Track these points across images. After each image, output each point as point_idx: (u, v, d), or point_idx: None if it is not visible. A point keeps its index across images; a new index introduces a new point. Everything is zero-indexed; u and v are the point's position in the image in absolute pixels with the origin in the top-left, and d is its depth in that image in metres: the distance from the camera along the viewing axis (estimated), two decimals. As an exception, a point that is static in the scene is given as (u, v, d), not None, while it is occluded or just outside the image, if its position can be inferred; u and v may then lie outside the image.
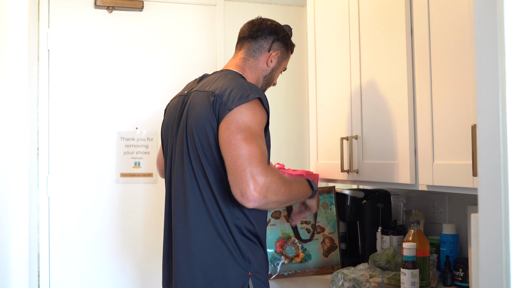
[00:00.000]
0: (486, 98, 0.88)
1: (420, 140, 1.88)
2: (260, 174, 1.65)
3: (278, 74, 2.10)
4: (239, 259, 1.77)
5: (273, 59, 2.02)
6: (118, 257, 3.30)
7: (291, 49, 2.11)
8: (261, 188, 1.64)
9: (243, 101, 1.72)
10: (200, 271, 1.76)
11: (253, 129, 1.72)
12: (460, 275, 2.03)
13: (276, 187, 1.68)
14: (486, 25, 0.88)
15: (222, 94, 1.75)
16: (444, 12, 1.76)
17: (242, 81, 1.84)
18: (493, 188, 0.86)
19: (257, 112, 1.75)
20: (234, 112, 1.72)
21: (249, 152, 1.67)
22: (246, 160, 1.65)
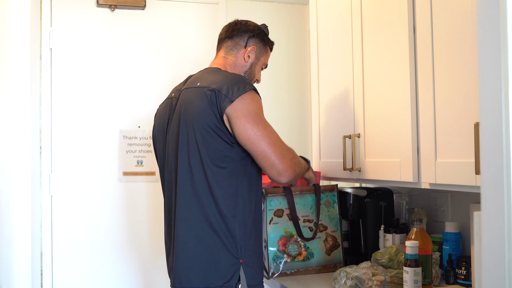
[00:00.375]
0: (489, 96, 0.88)
1: (422, 138, 1.88)
2: (286, 153, 1.93)
3: (259, 70, 2.20)
4: (231, 248, 1.89)
5: (250, 54, 2.14)
6: (121, 255, 3.30)
7: (269, 46, 2.22)
8: (290, 164, 1.92)
9: (241, 92, 1.87)
10: (195, 261, 1.89)
11: (261, 115, 1.92)
12: (463, 273, 2.03)
13: (297, 160, 2.00)
14: (489, 23, 0.88)
15: (220, 88, 1.88)
16: (447, 10, 1.76)
17: (233, 74, 1.99)
18: (496, 186, 0.86)
19: (258, 100, 1.94)
20: (238, 103, 1.86)
21: (271, 138, 1.89)
22: (272, 146, 1.88)
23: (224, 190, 1.89)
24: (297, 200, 2.29)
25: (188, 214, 1.90)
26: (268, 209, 2.24)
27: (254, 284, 1.94)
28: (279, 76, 3.66)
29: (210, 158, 1.88)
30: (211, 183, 1.88)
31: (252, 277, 1.93)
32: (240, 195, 1.92)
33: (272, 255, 2.23)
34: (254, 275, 1.94)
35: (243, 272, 1.91)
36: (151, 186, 3.36)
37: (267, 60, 2.22)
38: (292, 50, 3.70)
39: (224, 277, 1.88)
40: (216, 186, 1.88)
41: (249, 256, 1.93)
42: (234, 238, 1.89)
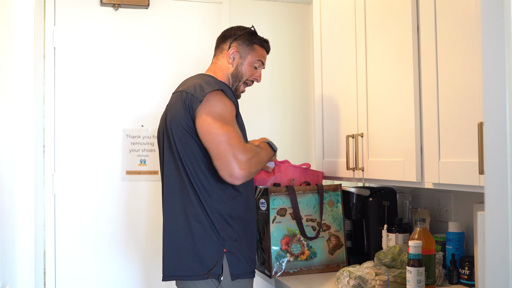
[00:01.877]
0: (493, 95, 0.87)
1: (426, 138, 1.88)
2: (241, 154, 1.94)
3: (249, 69, 2.27)
4: (215, 238, 2.02)
5: (234, 56, 2.25)
6: (124, 254, 3.30)
7: (257, 43, 2.29)
8: (245, 166, 1.94)
9: (209, 90, 2.01)
10: (181, 250, 2.04)
11: (226, 116, 2.00)
12: (466, 273, 2.03)
13: (255, 160, 2.00)
14: (493, 22, 0.87)
15: (192, 90, 2.05)
16: (451, 9, 1.75)
17: (210, 78, 2.13)
18: (499, 186, 0.86)
19: (226, 101, 2.04)
20: (205, 103, 2.00)
21: (228, 137, 1.95)
22: (227, 145, 1.94)
23: (201, 185, 2.03)
24: (300, 199, 2.28)
25: (174, 207, 2.08)
26: (271, 208, 2.24)
27: (237, 273, 2.03)
28: (282, 75, 3.66)
29: (187, 156, 2.04)
30: (191, 179, 2.04)
31: (236, 266, 2.03)
32: (215, 190, 2.04)
33: (275, 254, 2.23)
34: (238, 264, 2.04)
35: (226, 261, 2.01)
36: (154, 185, 3.36)
37: (257, 57, 2.28)
38: (295, 49, 3.70)
39: (208, 266, 2.01)
40: (195, 181, 2.03)
41: (232, 245, 2.04)
42: (215, 228, 2.02)
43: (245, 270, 2.07)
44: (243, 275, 2.05)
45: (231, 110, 2.04)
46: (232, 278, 2.02)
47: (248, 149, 1.98)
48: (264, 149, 2.14)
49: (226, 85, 2.16)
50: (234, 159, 1.92)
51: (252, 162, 1.97)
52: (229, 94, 2.07)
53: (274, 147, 2.23)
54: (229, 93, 2.08)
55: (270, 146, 2.20)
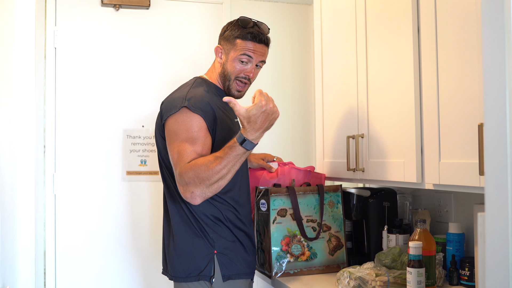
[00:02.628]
0: (493, 96, 0.87)
1: (426, 138, 1.88)
2: (182, 176, 1.87)
3: (233, 66, 2.12)
4: (205, 240, 2.03)
5: (221, 55, 2.18)
6: (124, 254, 3.31)
7: (239, 38, 2.11)
8: (187, 188, 1.86)
9: (172, 112, 1.98)
10: (176, 252, 2.05)
11: (182, 135, 1.94)
12: (466, 274, 2.03)
13: (197, 179, 1.84)
14: (493, 23, 0.87)
15: (163, 106, 2.08)
16: (451, 10, 1.75)
17: (186, 89, 2.07)
18: (500, 187, 0.86)
19: (185, 118, 1.96)
20: (167, 122, 2.01)
21: (175, 159, 1.93)
22: (175, 167, 1.94)
23: None
24: (300, 200, 2.28)
25: (166, 210, 2.14)
26: (272, 208, 2.24)
27: (229, 274, 2.03)
28: (283, 76, 3.66)
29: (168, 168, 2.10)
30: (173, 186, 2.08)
31: (227, 267, 2.03)
32: None
33: (275, 255, 2.23)
34: (230, 265, 2.04)
35: (217, 262, 2.02)
36: (155, 185, 3.36)
37: (241, 51, 2.09)
38: (296, 50, 3.70)
39: (200, 267, 2.02)
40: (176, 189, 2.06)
41: (223, 247, 2.04)
42: (204, 230, 2.03)
43: (239, 271, 2.05)
44: (236, 276, 2.04)
45: (193, 126, 1.94)
46: (224, 280, 2.01)
47: (186, 168, 1.86)
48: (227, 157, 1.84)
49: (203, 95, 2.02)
50: (178, 181, 1.90)
51: (191, 182, 1.84)
52: (195, 108, 1.95)
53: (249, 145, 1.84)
54: (197, 106, 1.95)
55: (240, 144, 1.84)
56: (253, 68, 2.13)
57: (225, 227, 2.06)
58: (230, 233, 2.07)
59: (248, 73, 2.13)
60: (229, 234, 2.07)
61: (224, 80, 2.16)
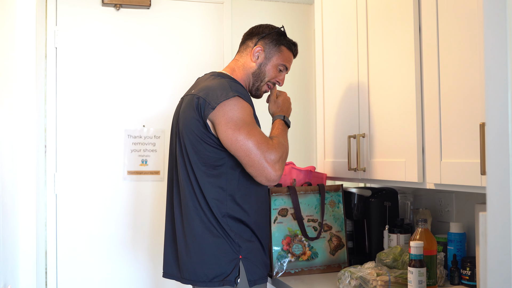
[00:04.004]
0: (495, 95, 0.87)
1: (428, 138, 1.88)
2: (272, 155, 1.94)
3: (272, 71, 2.19)
4: (230, 244, 1.98)
5: (258, 55, 2.17)
6: (126, 254, 3.31)
7: (285, 45, 2.21)
8: (278, 166, 1.95)
9: (223, 98, 1.94)
10: (197, 257, 1.99)
11: (246, 120, 1.96)
12: (468, 274, 2.03)
13: (285, 154, 2.01)
14: (495, 22, 0.87)
15: (205, 95, 1.97)
16: (453, 9, 1.75)
17: (223, 81, 2.03)
18: (501, 187, 0.86)
19: (243, 105, 1.97)
20: (218, 110, 1.93)
21: (256, 143, 1.93)
22: (257, 150, 1.93)
23: (215, 193, 1.99)
24: (301, 199, 2.28)
25: (189, 214, 2.02)
26: (273, 208, 2.24)
27: (254, 279, 2.01)
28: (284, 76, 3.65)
29: (201, 163, 2.00)
30: (202, 187, 1.99)
31: (252, 272, 2.00)
32: (229, 197, 2.01)
33: (276, 255, 2.23)
34: (254, 270, 2.01)
35: (243, 267, 1.99)
36: (156, 185, 3.36)
37: (283, 61, 2.20)
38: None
39: (225, 272, 1.97)
40: (208, 189, 1.99)
41: (248, 252, 2.01)
42: (229, 235, 1.98)
43: (261, 275, 2.04)
44: (259, 280, 2.03)
45: (249, 112, 1.99)
46: (250, 285, 1.99)
47: (275, 147, 1.98)
48: (283, 132, 2.12)
49: (240, 85, 2.08)
50: (267, 163, 1.93)
51: (283, 157, 1.99)
52: (245, 97, 2.00)
53: (288, 121, 2.19)
54: (244, 95, 2.01)
55: (285, 123, 2.17)
56: (284, 77, 2.25)
57: (249, 230, 2.04)
58: (254, 236, 2.05)
59: (279, 80, 2.23)
60: (252, 237, 2.04)
61: (256, 80, 2.19)
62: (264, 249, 2.09)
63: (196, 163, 2.00)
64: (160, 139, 3.37)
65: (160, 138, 3.37)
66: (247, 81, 2.19)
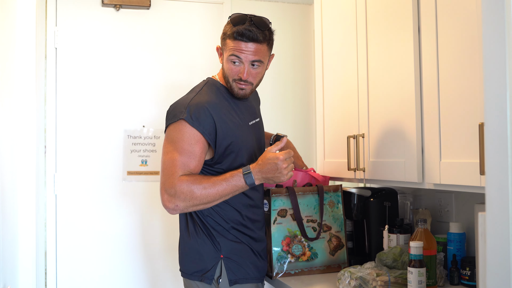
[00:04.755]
0: (494, 96, 0.87)
1: (427, 138, 1.88)
2: (170, 186, 1.92)
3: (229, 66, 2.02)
4: (212, 243, 2.04)
5: (221, 56, 2.12)
6: (125, 254, 3.31)
7: (228, 38, 2.01)
8: (171, 199, 1.92)
9: (171, 121, 2.00)
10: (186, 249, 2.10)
11: (177, 145, 1.95)
12: (467, 274, 2.03)
13: (186, 196, 1.91)
14: (494, 23, 0.87)
15: (168, 112, 2.06)
16: (452, 10, 1.75)
17: (189, 99, 2.02)
18: (501, 187, 0.86)
19: (182, 129, 1.95)
20: (167, 130, 2.03)
21: (165, 166, 1.96)
22: (162, 174, 1.97)
23: None
24: (300, 200, 2.28)
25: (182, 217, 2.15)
26: (272, 209, 2.24)
27: (234, 279, 2.04)
28: (283, 75, 3.66)
29: None
30: None
31: (233, 272, 2.04)
32: None
33: (276, 255, 2.23)
34: (235, 271, 2.04)
35: (224, 267, 2.03)
36: (156, 185, 3.36)
37: (231, 52, 1.99)
38: (296, 50, 3.70)
39: (205, 268, 2.04)
40: None
41: (230, 252, 2.05)
42: (212, 234, 2.04)
43: (246, 275, 2.06)
44: (243, 280, 2.05)
45: (188, 138, 1.94)
46: (230, 284, 2.03)
47: (178, 183, 1.90)
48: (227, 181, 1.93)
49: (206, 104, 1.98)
50: (162, 190, 1.95)
51: (181, 197, 1.90)
52: (194, 122, 1.93)
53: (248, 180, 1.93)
54: (196, 119, 1.94)
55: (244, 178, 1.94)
56: (245, 69, 2.00)
57: (234, 230, 2.06)
58: (240, 238, 2.07)
59: (240, 75, 2.01)
60: (238, 239, 2.07)
61: (226, 82, 2.08)
62: (253, 251, 2.10)
63: None
64: (160, 139, 3.37)
65: (160, 138, 3.37)
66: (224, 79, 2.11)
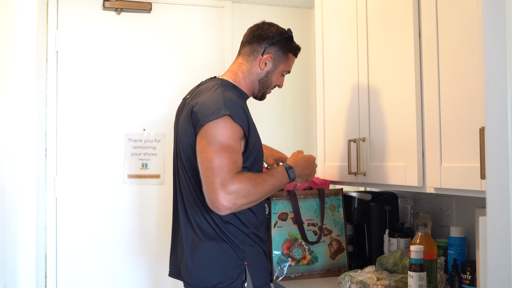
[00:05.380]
0: (495, 100, 0.87)
1: (428, 142, 1.88)
2: (228, 184, 1.79)
3: (278, 77, 2.17)
4: (235, 251, 1.95)
5: (267, 62, 2.11)
6: (126, 257, 3.30)
7: (292, 52, 2.17)
8: (230, 198, 1.79)
9: (213, 118, 1.86)
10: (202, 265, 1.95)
11: (223, 142, 1.85)
12: (468, 278, 2.02)
13: (245, 192, 1.82)
14: (494, 27, 0.87)
15: (198, 110, 1.91)
16: (452, 14, 1.76)
17: (220, 94, 1.94)
18: (501, 191, 0.86)
19: (228, 126, 1.87)
20: (206, 127, 1.86)
21: (218, 164, 1.81)
22: (215, 172, 1.80)
23: None
24: (301, 203, 2.28)
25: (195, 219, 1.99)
26: (273, 212, 2.24)
27: (259, 285, 1.99)
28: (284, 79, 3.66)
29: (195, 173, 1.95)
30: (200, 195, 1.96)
31: (257, 278, 1.99)
32: None
33: (277, 259, 2.22)
34: (259, 276, 2.00)
35: (249, 273, 1.97)
36: (156, 188, 3.36)
37: (288, 67, 2.19)
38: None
39: (230, 278, 1.94)
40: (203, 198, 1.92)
41: (252, 258, 1.99)
42: (234, 242, 1.97)
43: (265, 281, 2.03)
44: (264, 286, 2.02)
45: (232, 134, 1.88)
46: None
47: (238, 180, 1.82)
48: (275, 177, 1.96)
49: (240, 94, 2.04)
50: (219, 188, 1.78)
51: (241, 193, 1.81)
52: (238, 119, 1.89)
53: (291, 175, 2.01)
54: (238, 117, 1.90)
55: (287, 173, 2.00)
56: (284, 79, 2.24)
57: (252, 235, 2.01)
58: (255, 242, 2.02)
59: (281, 83, 2.22)
60: (254, 243, 2.02)
61: (262, 87, 2.15)
62: (265, 254, 2.08)
63: (193, 174, 1.97)
64: (161, 142, 3.37)
65: (160, 141, 3.37)
66: (252, 87, 2.14)
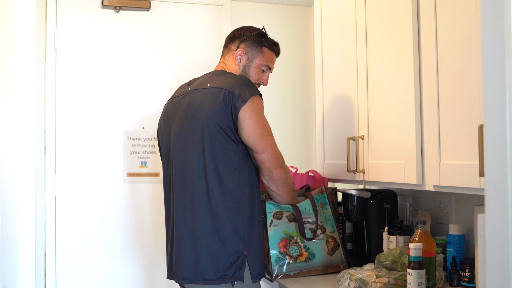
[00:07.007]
0: (493, 98, 0.87)
1: (426, 140, 1.88)
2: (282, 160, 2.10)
3: (256, 72, 2.25)
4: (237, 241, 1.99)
5: (240, 58, 2.23)
6: (125, 256, 3.30)
7: (266, 46, 2.26)
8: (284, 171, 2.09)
9: (252, 94, 2.00)
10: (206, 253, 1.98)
11: (265, 118, 2.05)
12: (467, 276, 2.03)
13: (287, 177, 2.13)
14: (493, 25, 0.88)
15: (233, 89, 2.00)
16: (451, 12, 1.76)
17: (241, 76, 2.14)
18: (500, 189, 0.86)
19: (262, 103, 2.08)
20: (249, 105, 1.98)
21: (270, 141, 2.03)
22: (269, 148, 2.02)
23: (227, 187, 1.99)
24: (299, 204, 2.29)
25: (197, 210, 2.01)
26: (268, 212, 2.24)
27: (256, 275, 2.04)
28: (283, 77, 3.66)
29: (215, 157, 1.99)
30: (215, 181, 1.99)
31: (254, 268, 2.03)
32: (242, 192, 2.03)
33: (275, 258, 2.22)
34: (256, 267, 2.04)
35: (247, 264, 2.01)
36: (155, 187, 3.36)
37: (265, 61, 2.25)
38: (296, 52, 3.70)
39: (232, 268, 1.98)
40: (220, 184, 1.99)
41: (252, 248, 2.03)
42: (238, 232, 2.00)
43: (260, 271, 2.07)
44: (259, 276, 2.06)
45: None
46: (253, 281, 2.02)
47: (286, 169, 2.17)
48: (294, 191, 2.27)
49: None
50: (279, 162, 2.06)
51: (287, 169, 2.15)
52: None
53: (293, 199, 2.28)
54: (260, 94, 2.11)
55: None
56: (267, 77, 2.30)
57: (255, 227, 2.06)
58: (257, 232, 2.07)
59: (263, 81, 2.28)
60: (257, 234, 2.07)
61: None
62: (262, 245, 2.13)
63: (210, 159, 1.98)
64: (160, 141, 3.37)
65: (159, 140, 3.37)
66: None
